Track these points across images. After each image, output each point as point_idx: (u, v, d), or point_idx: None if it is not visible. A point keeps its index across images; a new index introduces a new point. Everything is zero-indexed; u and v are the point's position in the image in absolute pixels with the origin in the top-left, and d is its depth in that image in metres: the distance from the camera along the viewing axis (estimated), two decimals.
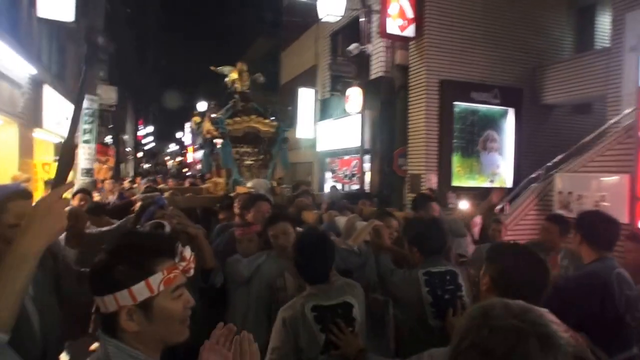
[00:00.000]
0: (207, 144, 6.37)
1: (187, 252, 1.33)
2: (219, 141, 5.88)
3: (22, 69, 7.46)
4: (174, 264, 1.29)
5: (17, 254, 1.24)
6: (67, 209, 3.28)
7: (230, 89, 6.24)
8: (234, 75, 6.16)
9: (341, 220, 3.64)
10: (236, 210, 4.16)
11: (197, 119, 6.80)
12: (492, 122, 10.59)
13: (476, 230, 7.48)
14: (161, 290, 1.24)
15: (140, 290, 1.22)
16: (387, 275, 2.90)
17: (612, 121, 7.99)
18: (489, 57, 10.31)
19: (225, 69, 6.32)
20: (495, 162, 10.62)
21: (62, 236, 3.34)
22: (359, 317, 2.39)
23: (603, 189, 7.04)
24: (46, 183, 7.11)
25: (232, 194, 4.97)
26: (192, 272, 1.32)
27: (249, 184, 5.21)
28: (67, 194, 5.38)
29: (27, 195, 2.15)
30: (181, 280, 1.29)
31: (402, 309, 2.96)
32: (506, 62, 10.48)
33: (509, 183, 10.37)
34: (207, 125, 5.96)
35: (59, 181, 1.36)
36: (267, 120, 5.83)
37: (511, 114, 10.61)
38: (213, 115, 5.94)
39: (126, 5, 15.33)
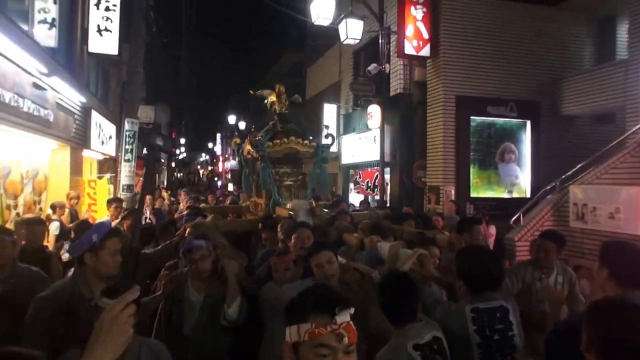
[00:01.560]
0: (247, 164, 6.37)
1: (343, 318, 1.36)
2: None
3: (75, 98, 8.38)
4: (326, 323, 1.34)
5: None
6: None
7: (270, 111, 6.23)
8: (272, 97, 6.14)
9: (384, 247, 3.44)
10: (280, 236, 4.18)
11: (237, 140, 6.81)
12: (510, 134, 10.97)
13: (491, 241, 7.94)
14: (305, 340, 1.34)
15: (293, 332, 1.37)
16: (431, 307, 2.72)
17: (628, 133, 8.16)
18: (504, 71, 10.69)
19: (264, 92, 6.33)
20: (513, 173, 10.98)
21: None
22: (447, 349, 2.36)
23: (617, 201, 7.01)
24: (109, 202, 7.52)
25: (273, 215, 5.10)
26: (345, 339, 1.34)
27: (289, 205, 5.21)
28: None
29: (118, 232, 2.65)
30: (326, 341, 1.33)
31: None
32: (522, 75, 10.81)
33: (527, 193, 10.72)
34: (248, 147, 5.91)
35: (124, 286, 1.32)
36: (305, 141, 5.75)
37: (529, 126, 10.97)
38: (257, 138, 5.85)
39: (162, 33, 16.34)
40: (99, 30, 9.36)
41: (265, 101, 6.28)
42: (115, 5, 9.53)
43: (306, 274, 3.11)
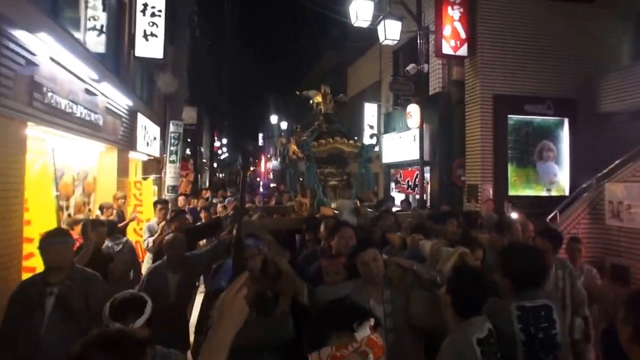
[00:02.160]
0: (292, 164, 6.35)
1: (363, 333, 1.34)
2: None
3: (122, 102, 8.81)
4: (347, 343, 1.31)
5: (214, 344, 1.39)
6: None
7: (315, 111, 6.22)
8: (318, 98, 6.14)
9: (426, 245, 3.47)
10: (322, 234, 4.18)
11: (283, 140, 6.81)
12: (548, 132, 10.84)
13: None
14: None
15: (314, 357, 1.33)
16: None
17: None
18: (541, 70, 10.58)
19: (310, 93, 6.34)
20: (552, 171, 10.83)
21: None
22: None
23: None
24: (155, 204, 7.63)
25: (317, 215, 5.11)
26: (370, 356, 1.30)
27: (333, 205, 5.23)
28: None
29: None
30: None
31: None
32: (559, 73, 10.68)
33: (566, 191, 10.54)
34: (293, 147, 5.89)
35: (236, 273, 1.47)
36: (350, 141, 5.70)
37: (566, 124, 10.81)
38: (303, 138, 5.83)
39: (205, 36, 16.85)
40: (145, 35, 9.81)
41: (311, 102, 6.31)
42: (160, 11, 9.96)
43: (350, 274, 3.12)
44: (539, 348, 2.48)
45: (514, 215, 7.55)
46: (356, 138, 5.87)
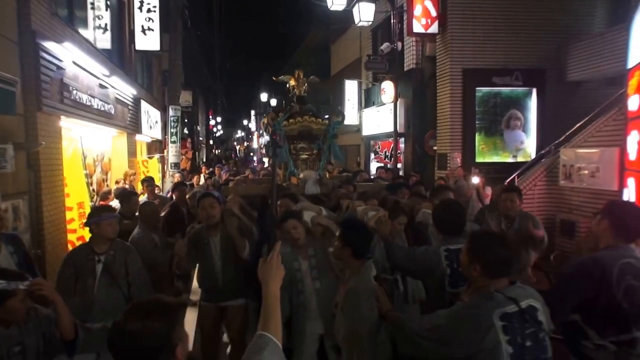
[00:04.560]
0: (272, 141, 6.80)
1: None
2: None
3: (128, 92, 9.94)
4: None
5: (271, 298, 1.69)
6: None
7: (292, 94, 6.75)
8: (292, 82, 6.66)
9: (358, 209, 4.01)
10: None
11: (265, 120, 7.23)
12: (516, 102, 11.58)
13: (487, 201, 9.00)
14: None
15: None
16: (407, 252, 3.42)
17: (611, 98, 8.49)
18: (510, 42, 11.12)
19: (285, 78, 6.88)
20: (519, 139, 11.67)
21: None
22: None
23: (597, 161, 7.80)
24: (142, 182, 8.20)
25: (285, 184, 5.81)
26: None
27: (301, 175, 5.97)
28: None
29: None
30: None
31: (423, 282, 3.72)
32: (528, 44, 11.16)
33: (532, 157, 11.20)
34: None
35: (271, 242, 1.91)
36: (318, 119, 6.25)
37: (534, 93, 11.53)
38: (265, 120, 6.53)
39: (197, 27, 17.81)
40: (143, 30, 10.80)
41: (287, 85, 6.93)
42: (155, 7, 10.91)
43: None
44: (459, 279, 2.94)
45: (476, 180, 8.12)
46: (327, 117, 6.57)
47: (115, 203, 6.07)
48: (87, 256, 3.52)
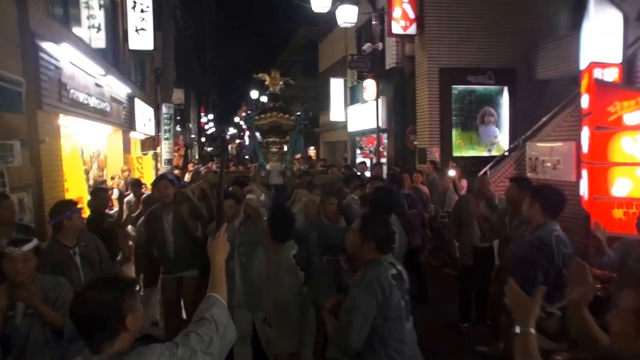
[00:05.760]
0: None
1: None
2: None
3: (123, 90, 10.50)
4: None
5: (217, 267, 2.02)
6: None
7: (269, 91, 7.29)
8: (268, 80, 7.14)
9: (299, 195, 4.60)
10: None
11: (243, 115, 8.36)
12: (489, 99, 12.35)
13: (463, 192, 9.62)
14: None
15: None
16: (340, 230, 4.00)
17: (570, 96, 9.00)
18: (484, 43, 11.88)
19: (261, 76, 7.31)
20: (493, 134, 12.43)
21: None
22: None
23: (558, 154, 8.36)
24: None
25: (250, 174, 6.44)
26: None
27: (268, 167, 6.59)
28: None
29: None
30: None
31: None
32: (501, 45, 11.90)
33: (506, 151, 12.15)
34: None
35: (219, 224, 2.10)
36: (286, 115, 6.73)
37: (506, 91, 12.32)
38: (243, 114, 7.43)
39: (189, 26, 18.33)
40: (137, 30, 11.36)
41: (265, 82, 7.25)
42: (148, 7, 11.48)
43: None
44: None
45: (452, 172, 8.96)
46: (299, 113, 7.15)
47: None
48: (62, 252, 3.50)
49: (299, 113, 7.24)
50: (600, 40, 7.19)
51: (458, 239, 5.98)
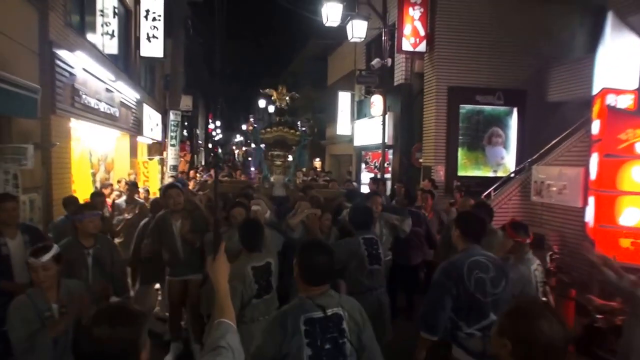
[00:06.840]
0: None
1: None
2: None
3: (132, 96, 10.57)
4: None
5: (223, 291, 1.93)
6: None
7: (276, 105, 7.45)
8: (274, 95, 7.32)
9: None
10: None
11: (251, 128, 8.33)
12: (497, 120, 12.27)
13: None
14: None
15: None
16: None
17: (580, 121, 9.03)
18: (494, 63, 11.80)
19: (268, 91, 7.51)
20: (499, 155, 12.30)
21: None
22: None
23: (565, 179, 8.34)
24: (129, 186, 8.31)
25: (255, 186, 6.58)
26: None
27: (272, 179, 6.76)
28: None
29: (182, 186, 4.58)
30: None
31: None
32: (511, 66, 11.83)
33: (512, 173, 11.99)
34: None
35: (217, 247, 2.02)
36: (292, 130, 6.86)
37: (515, 112, 12.19)
38: (250, 128, 7.48)
39: (199, 35, 18.49)
40: (148, 38, 11.49)
41: (272, 97, 7.43)
42: (160, 16, 11.61)
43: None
44: (373, 258, 4.22)
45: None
46: (304, 129, 7.35)
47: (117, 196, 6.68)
48: (77, 251, 3.74)
49: (303, 129, 7.42)
50: (615, 65, 7.16)
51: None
